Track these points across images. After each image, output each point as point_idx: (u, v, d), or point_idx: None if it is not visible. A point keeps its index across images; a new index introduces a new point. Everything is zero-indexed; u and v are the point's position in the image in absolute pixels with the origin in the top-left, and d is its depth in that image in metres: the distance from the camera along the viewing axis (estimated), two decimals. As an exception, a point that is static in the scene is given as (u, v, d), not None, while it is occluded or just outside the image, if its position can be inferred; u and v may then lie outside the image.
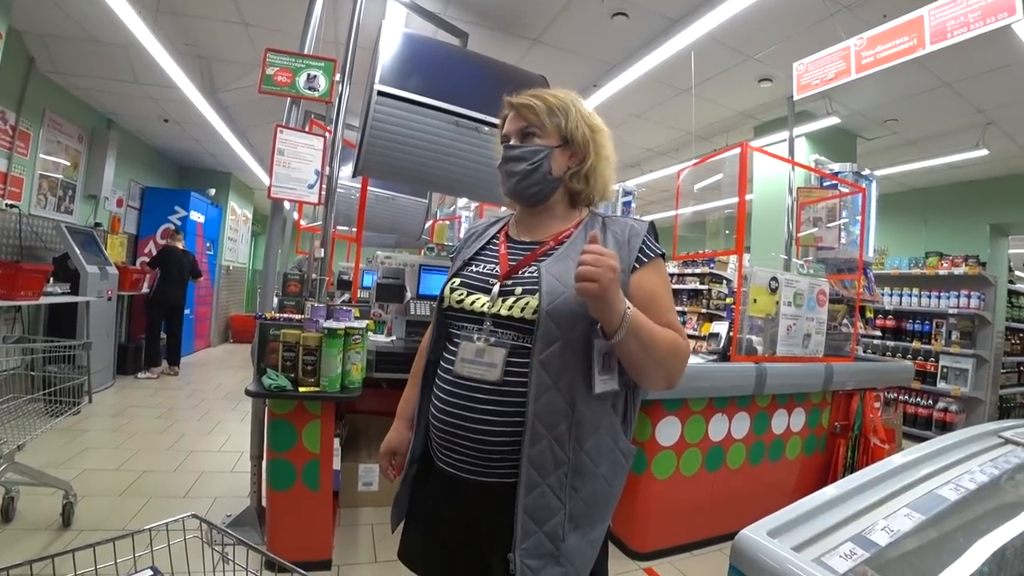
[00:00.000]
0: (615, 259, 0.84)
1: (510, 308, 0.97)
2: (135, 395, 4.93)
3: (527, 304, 0.96)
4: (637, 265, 1.01)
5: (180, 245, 6.21)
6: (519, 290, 0.99)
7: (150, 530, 0.90)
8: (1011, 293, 6.04)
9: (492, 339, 0.98)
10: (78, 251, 4.73)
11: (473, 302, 1.03)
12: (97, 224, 5.78)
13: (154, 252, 6.55)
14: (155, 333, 5.87)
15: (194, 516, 0.93)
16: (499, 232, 1.16)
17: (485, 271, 1.07)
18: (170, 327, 6.09)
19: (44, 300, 3.98)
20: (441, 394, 1.03)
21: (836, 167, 3.87)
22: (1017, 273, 6.73)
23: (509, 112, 1.09)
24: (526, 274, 1.01)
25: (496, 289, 1.01)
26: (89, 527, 2.40)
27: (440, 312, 1.09)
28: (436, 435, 1.03)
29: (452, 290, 1.07)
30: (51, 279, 4.26)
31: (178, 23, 3.97)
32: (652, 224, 1.09)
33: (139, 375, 5.65)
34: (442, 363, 1.06)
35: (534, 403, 0.92)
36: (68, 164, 5.36)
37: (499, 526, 0.95)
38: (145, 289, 6.00)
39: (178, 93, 4.84)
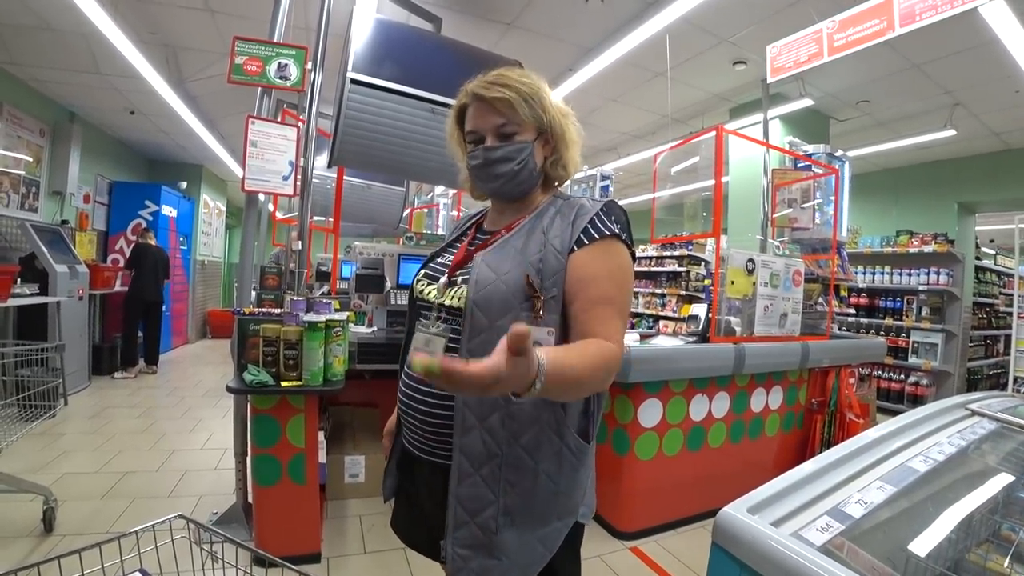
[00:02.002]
0: (470, 377, 0.62)
1: (451, 298, 0.98)
2: (112, 395, 4.83)
3: (461, 294, 0.96)
4: (576, 247, 0.94)
5: (152, 242, 6.07)
6: (460, 280, 0.99)
7: (137, 532, 0.89)
8: (978, 269, 6.24)
9: (438, 329, 0.98)
10: (45, 250, 4.59)
11: (429, 292, 1.04)
12: (64, 221, 5.61)
13: (125, 248, 6.40)
14: (132, 332, 5.74)
15: (181, 516, 0.92)
16: (474, 223, 1.16)
17: (445, 262, 1.09)
18: (147, 325, 5.95)
19: (12, 302, 3.87)
20: (404, 378, 1.07)
21: (810, 148, 3.93)
22: (984, 249, 6.95)
23: (475, 104, 1.00)
24: (470, 263, 1.01)
25: (444, 279, 1.02)
26: (72, 532, 2.36)
27: (410, 301, 1.12)
28: (400, 415, 1.08)
29: (418, 281, 1.10)
30: (18, 280, 4.13)
31: (140, 10, 3.83)
32: (612, 202, 1.01)
33: (116, 375, 5.53)
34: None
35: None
36: (30, 160, 5.17)
37: (442, 505, 0.97)
38: (119, 287, 5.86)
39: (143, 84, 4.69)
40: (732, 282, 2.86)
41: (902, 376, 5.78)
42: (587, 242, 0.94)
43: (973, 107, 4.91)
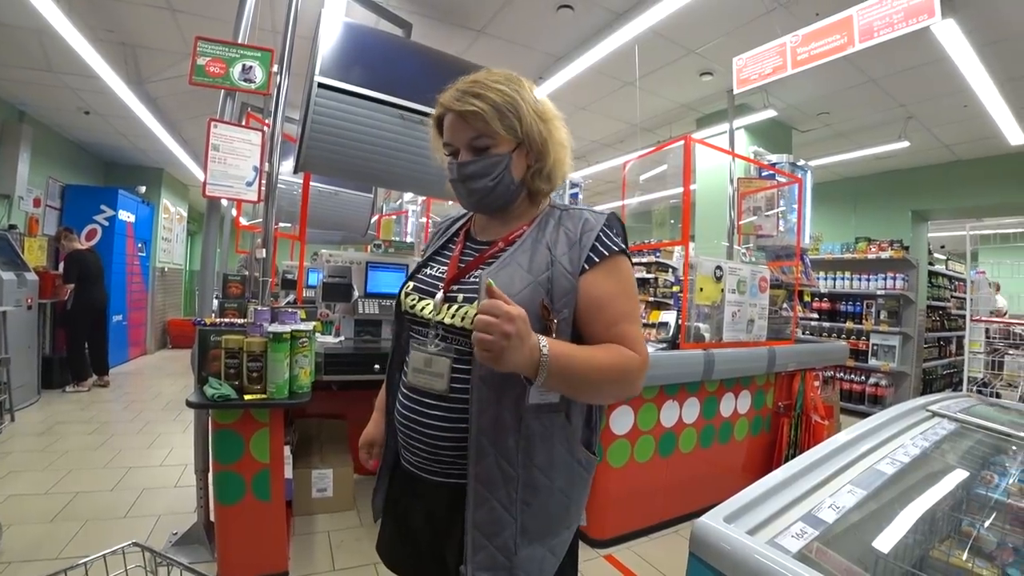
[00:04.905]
0: (511, 319, 0.74)
1: (452, 316, 0.93)
2: (63, 410, 4.59)
3: (467, 313, 0.92)
4: (587, 266, 0.93)
5: (78, 245, 5.55)
6: (461, 297, 0.95)
7: (86, 564, 0.83)
8: (931, 274, 6.52)
9: (438, 348, 0.94)
10: (-10, 257, 4.36)
11: (423, 308, 0.99)
12: (12, 226, 5.33)
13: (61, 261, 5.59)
14: (80, 345, 5.40)
15: (135, 544, 0.87)
16: (460, 229, 1.11)
17: (436, 274, 1.03)
18: (93, 334, 5.55)
19: (-48, 311, 3.65)
20: (401, 397, 1.02)
21: (774, 158, 4.04)
22: (936, 255, 7.26)
23: (448, 116, 0.96)
24: (471, 279, 0.97)
25: (440, 295, 0.97)
26: (18, 559, 2.22)
27: (398, 315, 1.07)
28: (399, 434, 1.02)
29: (406, 294, 1.04)
30: (-40, 288, 3.90)
31: (96, 6, 3.68)
32: (613, 216, 0.99)
33: (67, 388, 5.25)
34: (403, 366, 1.04)
35: (478, 419, 0.89)
36: (-25, 162, 4.91)
37: (452, 525, 0.95)
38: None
39: (99, 83, 4.51)
40: (701, 289, 2.90)
41: (863, 378, 5.97)
42: (597, 260, 0.93)
43: (925, 120, 5.13)
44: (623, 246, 0.97)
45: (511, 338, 0.74)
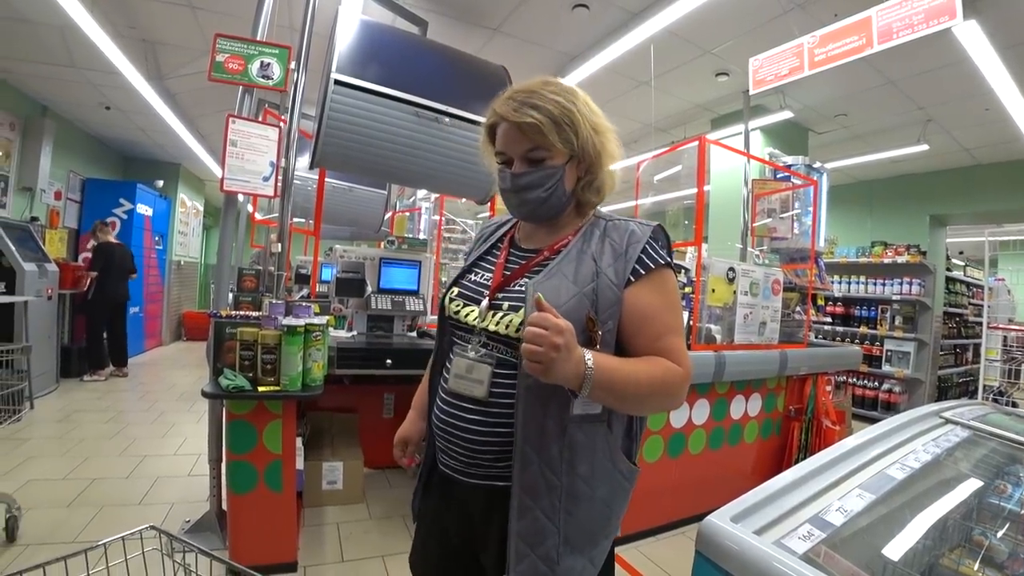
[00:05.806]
0: (560, 331, 0.76)
1: (497, 324, 0.94)
2: (81, 399, 4.68)
3: (511, 322, 0.92)
4: (633, 279, 0.93)
5: (111, 238, 5.81)
6: (506, 305, 0.95)
7: (105, 544, 0.85)
8: (948, 280, 6.42)
9: (479, 354, 0.95)
10: (13, 248, 4.44)
11: (468, 314, 0.99)
12: (34, 218, 5.44)
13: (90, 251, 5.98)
14: (98, 335, 5.53)
15: (152, 527, 0.89)
16: (505, 235, 1.11)
17: (481, 281, 1.03)
18: (112, 325, 5.69)
19: (-24, 300, 3.74)
20: (439, 400, 1.02)
21: (789, 160, 4.00)
22: (954, 261, 7.15)
23: (503, 125, 0.95)
24: (516, 287, 0.97)
25: (485, 302, 0.97)
26: (36, 541, 2.27)
27: (441, 319, 1.08)
28: (436, 437, 1.03)
29: (451, 300, 1.04)
30: (-17, 278, 4.00)
31: (118, 3, 3.74)
32: (659, 228, 0.98)
33: (85, 378, 5.36)
34: (444, 371, 1.04)
35: (523, 428, 0.89)
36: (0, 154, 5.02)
37: (488, 526, 0.96)
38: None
39: (120, 79, 4.58)
40: (713, 290, 2.89)
41: (876, 384, 5.90)
42: (643, 273, 0.93)
43: (945, 123, 5.05)
44: (668, 259, 0.97)
45: (560, 350, 0.76)
